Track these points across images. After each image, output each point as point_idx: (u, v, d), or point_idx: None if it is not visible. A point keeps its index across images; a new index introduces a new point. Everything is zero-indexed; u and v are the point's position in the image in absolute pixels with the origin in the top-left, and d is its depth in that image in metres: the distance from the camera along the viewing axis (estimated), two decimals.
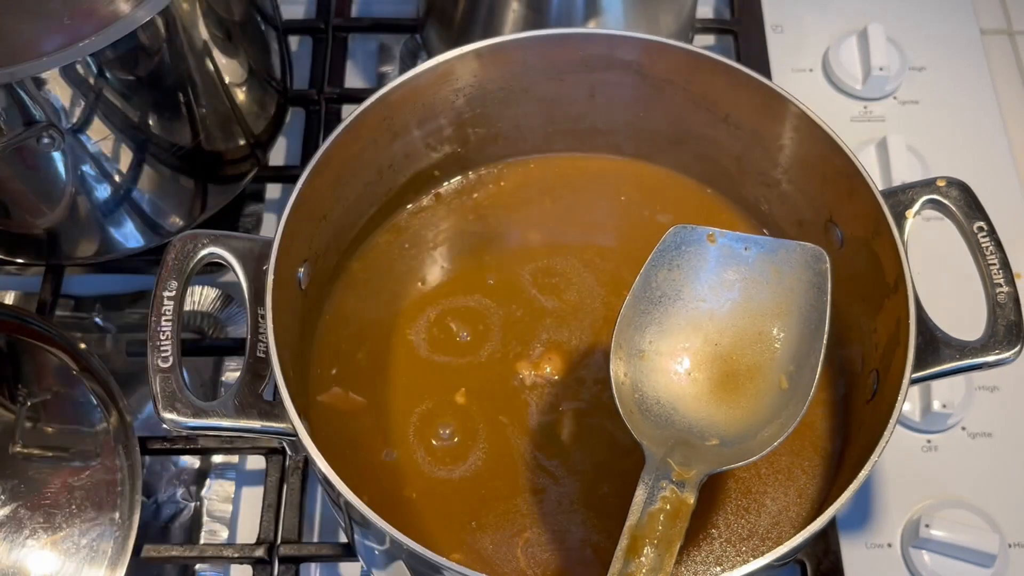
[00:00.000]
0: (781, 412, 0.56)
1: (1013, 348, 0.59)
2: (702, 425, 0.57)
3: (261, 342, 0.60)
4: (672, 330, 0.59)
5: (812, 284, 0.58)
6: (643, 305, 0.59)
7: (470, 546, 0.62)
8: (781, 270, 0.59)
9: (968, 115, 0.91)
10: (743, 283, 0.60)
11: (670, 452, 0.55)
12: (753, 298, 0.59)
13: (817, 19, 0.96)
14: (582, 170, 0.77)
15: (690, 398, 0.58)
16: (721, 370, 0.59)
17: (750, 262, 0.60)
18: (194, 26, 0.70)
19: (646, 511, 0.53)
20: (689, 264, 0.60)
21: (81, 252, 0.78)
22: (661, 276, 0.60)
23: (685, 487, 0.53)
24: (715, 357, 0.59)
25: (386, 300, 0.71)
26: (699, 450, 0.56)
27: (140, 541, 0.68)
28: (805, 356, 0.57)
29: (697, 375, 0.59)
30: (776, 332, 0.59)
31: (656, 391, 0.58)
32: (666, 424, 0.57)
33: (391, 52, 0.97)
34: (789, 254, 0.59)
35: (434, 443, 0.66)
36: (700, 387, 0.59)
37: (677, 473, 0.54)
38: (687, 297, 0.60)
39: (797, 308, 0.58)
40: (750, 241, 0.60)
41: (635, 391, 0.58)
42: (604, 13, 0.82)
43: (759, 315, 0.59)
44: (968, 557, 0.70)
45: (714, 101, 0.70)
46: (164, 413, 0.56)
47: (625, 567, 0.51)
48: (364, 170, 0.69)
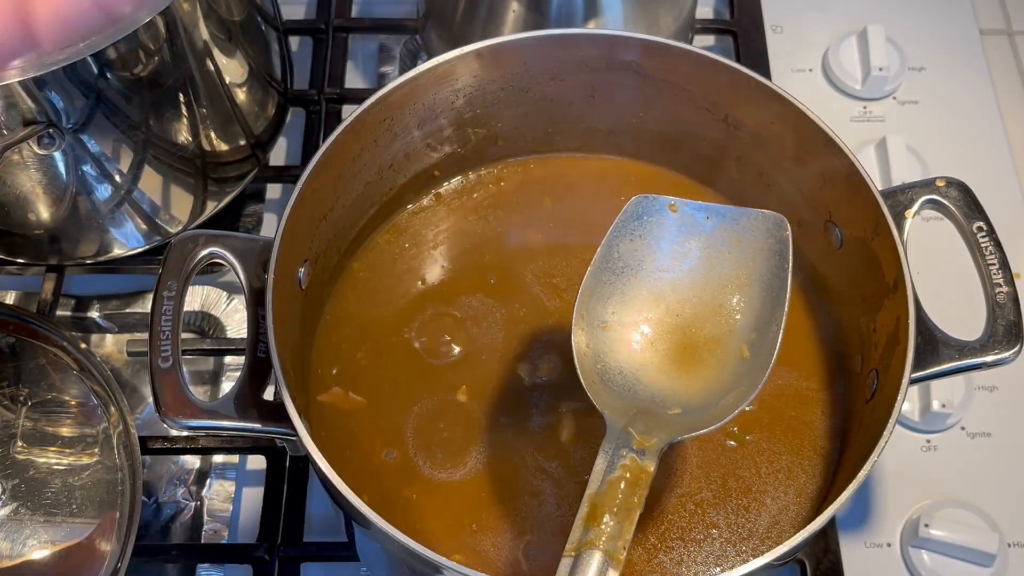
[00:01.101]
0: (742, 380, 0.56)
1: (1012, 348, 0.59)
2: (664, 394, 0.58)
3: (261, 342, 0.60)
4: (634, 300, 0.60)
5: (774, 252, 0.58)
6: (605, 276, 0.59)
7: (471, 548, 0.62)
8: (743, 238, 0.59)
9: (967, 115, 0.91)
10: (705, 252, 0.60)
11: (631, 421, 0.55)
12: (715, 267, 0.60)
13: (817, 19, 0.96)
14: (582, 170, 0.77)
15: (652, 368, 0.59)
16: (683, 339, 0.59)
17: (712, 231, 0.60)
18: (195, 26, 0.70)
19: (606, 479, 0.52)
20: (651, 234, 0.60)
21: (81, 252, 0.78)
22: (623, 246, 0.59)
23: (645, 455, 0.53)
24: (677, 327, 0.59)
25: (386, 300, 0.71)
26: (661, 419, 0.56)
27: (140, 541, 0.68)
28: (767, 324, 0.57)
29: (659, 345, 0.59)
30: (737, 301, 0.59)
31: (619, 361, 0.58)
32: (628, 394, 0.57)
33: (391, 52, 0.97)
34: (751, 222, 0.59)
35: (434, 444, 0.66)
36: (662, 357, 0.59)
37: (638, 441, 0.54)
38: (649, 267, 0.60)
39: (759, 276, 0.58)
40: (711, 210, 0.60)
41: (597, 362, 0.58)
42: (604, 13, 0.82)
43: (721, 284, 0.59)
44: (967, 557, 0.70)
45: (714, 101, 0.70)
46: (164, 413, 0.56)
47: (584, 535, 0.51)
48: (364, 170, 0.69)
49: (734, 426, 0.66)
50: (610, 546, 0.50)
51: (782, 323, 0.56)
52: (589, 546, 0.50)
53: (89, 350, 0.72)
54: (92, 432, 0.69)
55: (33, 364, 0.72)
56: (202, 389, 0.81)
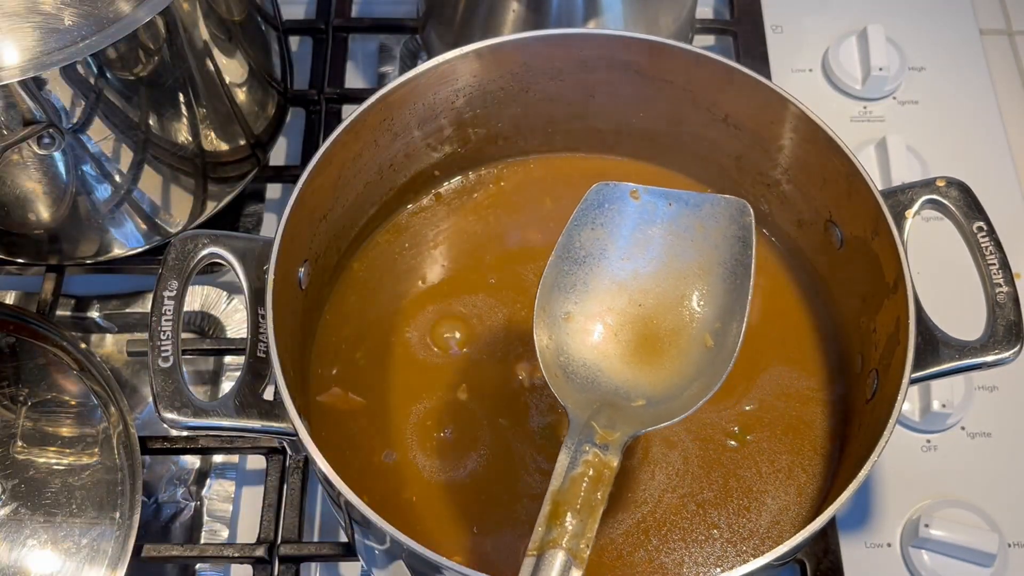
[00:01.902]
0: (706, 370, 0.55)
1: (1012, 348, 0.59)
2: (628, 386, 0.57)
3: (261, 342, 0.60)
4: (597, 291, 0.58)
5: (737, 238, 0.57)
6: (567, 266, 0.58)
7: (472, 550, 0.62)
8: (705, 225, 0.58)
9: (967, 115, 0.91)
10: (667, 240, 0.59)
11: (595, 415, 0.54)
12: (677, 255, 0.58)
13: (817, 19, 0.96)
14: (582, 170, 0.77)
15: (615, 359, 0.57)
16: (646, 330, 0.58)
17: (674, 218, 0.58)
18: (195, 26, 0.70)
19: (568, 476, 0.51)
20: (612, 222, 0.59)
21: (81, 252, 0.78)
22: (584, 235, 0.58)
23: (608, 450, 0.52)
24: (640, 317, 0.58)
25: (386, 300, 0.71)
26: (625, 411, 0.55)
27: (140, 541, 0.68)
28: (730, 313, 0.56)
29: (622, 336, 0.58)
30: (701, 289, 0.58)
31: (582, 353, 0.57)
32: (591, 387, 0.56)
33: (391, 52, 0.97)
34: (713, 208, 0.58)
35: (433, 445, 0.66)
36: (625, 348, 0.58)
37: (600, 436, 0.53)
38: (611, 256, 0.59)
39: (721, 263, 0.57)
40: (673, 197, 0.59)
41: (560, 354, 0.57)
42: (604, 13, 0.82)
43: (683, 273, 0.58)
44: (967, 557, 0.70)
45: (714, 101, 0.70)
46: (164, 413, 0.56)
47: (547, 533, 0.50)
48: (364, 170, 0.69)
49: (735, 426, 0.66)
50: (573, 544, 0.49)
51: (745, 312, 0.55)
52: (552, 545, 0.49)
53: (89, 350, 0.72)
54: (92, 432, 0.69)
55: (33, 364, 0.72)
56: (202, 389, 0.81)
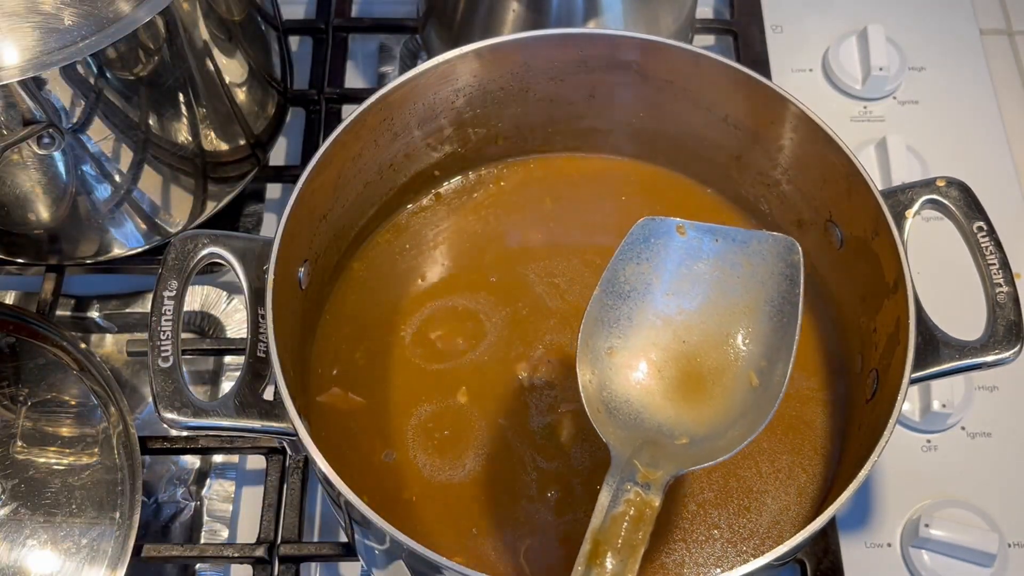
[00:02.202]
0: (751, 409, 0.55)
1: (1013, 348, 0.59)
2: (671, 424, 0.56)
3: (261, 342, 0.60)
4: (642, 326, 0.58)
5: (784, 276, 0.57)
6: (611, 300, 0.58)
7: (472, 551, 0.62)
8: (753, 262, 0.57)
9: (967, 115, 0.91)
10: (714, 276, 0.58)
11: (637, 452, 0.53)
12: (724, 292, 0.58)
13: (817, 19, 0.96)
14: (582, 170, 0.77)
15: (659, 396, 0.57)
16: (691, 367, 0.58)
17: (721, 254, 0.58)
18: (194, 26, 0.70)
19: (609, 515, 0.51)
20: (658, 257, 0.58)
21: (81, 252, 0.78)
22: (629, 270, 0.58)
23: (651, 489, 0.52)
24: (684, 354, 0.58)
25: (386, 300, 0.71)
26: (667, 449, 0.54)
27: (140, 541, 0.68)
28: (777, 351, 0.56)
29: (666, 373, 0.57)
30: (747, 327, 0.57)
31: (626, 390, 0.57)
32: (635, 424, 0.56)
33: (391, 52, 0.97)
34: (761, 245, 0.58)
35: (433, 445, 0.66)
36: (669, 385, 0.57)
37: (643, 475, 0.52)
38: (656, 291, 0.58)
39: (769, 301, 0.57)
40: (720, 232, 0.58)
41: (603, 390, 0.56)
42: (604, 13, 0.82)
43: (730, 309, 0.58)
44: (968, 557, 0.70)
45: (714, 101, 0.70)
46: (164, 413, 0.56)
47: (587, 573, 0.49)
48: (364, 170, 0.69)
49: None
50: None
51: (793, 350, 0.54)
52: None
53: (89, 350, 0.72)
54: (92, 432, 0.69)
55: (33, 364, 0.72)
56: (202, 389, 0.81)
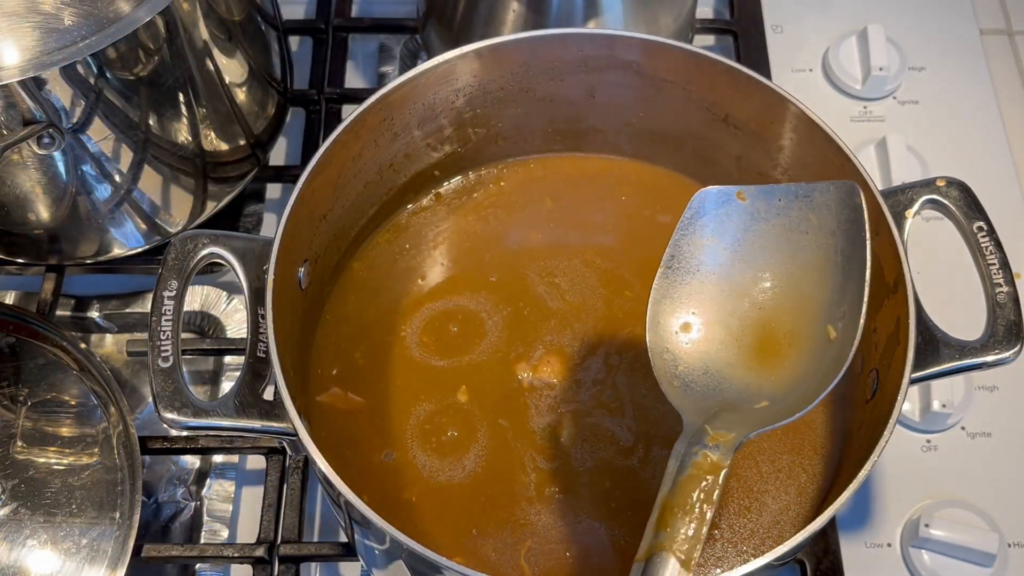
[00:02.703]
0: (824, 362, 0.54)
1: (1013, 348, 0.59)
2: (751, 389, 0.55)
3: (261, 342, 0.60)
4: (715, 298, 0.57)
5: (851, 221, 0.55)
6: (679, 276, 0.57)
7: (472, 552, 0.62)
8: (819, 215, 0.57)
9: (968, 115, 0.91)
10: (783, 236, 0.57)
11: (711, 419, 0.53)
12: (796, 250, 0.57)
13: (817, 19, 0.96)
14: (582, 170, 0.77)
15: (739, 365, 0.56)
16: (770, 331, 0.57)
17: (785, 212, 0.57)
18: (194, 26, 0.70)
19: (677, 480, 0.50)
20: (723, 227, 0.58)
21: (81, 252, 0.78)
22: (694, 244, 0.58)
23: (719, 449, 0.51)
24: (763, 319, 0.57)
25: (386, 300, 0.71)
26: (745, 413, 0.54)
27: (140, 541, 0.68)
28: (852, 300, 0.54)
29: (744, 340, 0.57)
30: (822, 281, 0.56)
31: (704, 361, 0.56)
32: (714, 393, 0.55)
33: (391, 52, 0.97)
34: (824, 196, 0.57)
35: (433, 445, 0.66)
36: (749, 352, 0.57)
37: (712, 437, 0.51)
38: (725, 261, 0.58)
39: (840, 251, 0.56)
40: (780, 191, 0.58)
41: (679, 364, 0.56)
42: (604, 13, 0.82)
43: (803, 267, 0.57)
44: (968, 557, 0.70)
45: (714, 101, 0.70)
46: (164, 413, 0.56)
47: (655, 539, 0.49)
48: (364, 170, 0.69)
49: None
50: (681, 548, 0.48)
51: (864, 294, 0.53)
52: (659, 549, 0.48)
53: (89, 350, 0.72)
54: (92, 432, 0.69)
55: (33, 364, 0.72)
56: (202, 389, 0.81)
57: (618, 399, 0.67)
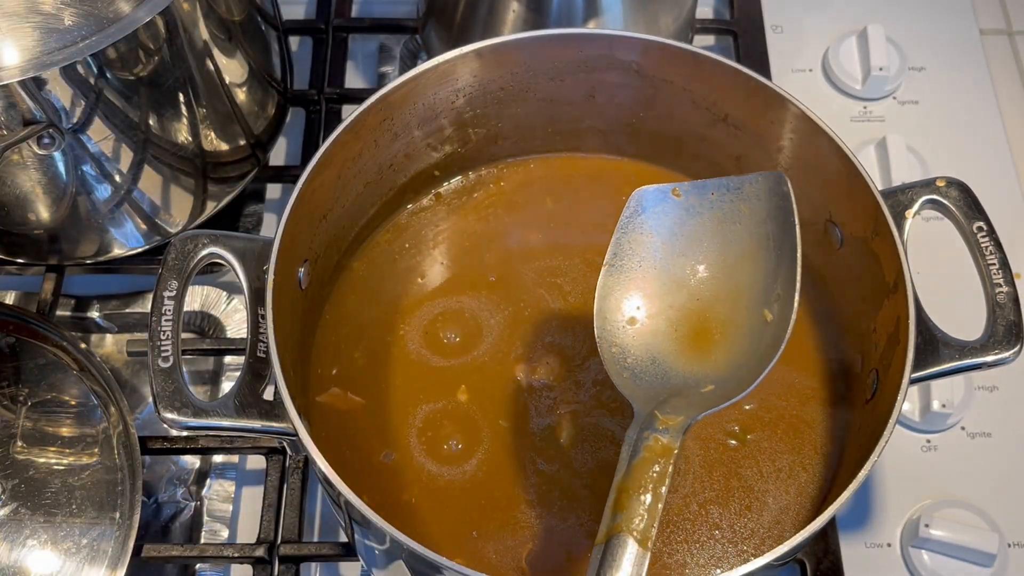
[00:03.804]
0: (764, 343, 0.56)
1: (1012, 348, 0.59)
2: (697, 375, 0.57)
3: (261, 342, 0.60)
4: (658, 291, 0.60)
5: (781, 208, 0.58)
6: (623, 274, 0.59)
7: (473, 554, 0.62)
8: (751, 205, 0.59)
9: (968, 115, 0.91)
10: (717, 228, 0.60)
11: (660, 405, 0.55)
12: (730, 241, 0.59)
13: (817, 19, 0.96)
14: (582, 170, 0.77)
15: (683, 353, 0.58)
16: (710, 318, 0.59)
17: (719, 206, 0.60)
18: (194, 26, 0.70)
19: (631, 464, 0.52)
20: (660, 224, 0.60)
21: (81, 252, 0.78)
22: (635, 241, 0.60)
23: (669, 432, 0.53)
24: (702, 309, 0.59)
25: (386, 300, 0.71)
26: (692, 398, 0.55)
27: (140, 541, 0.68)
28: (785, 282, 0.56)
29: (685, 329, 0.59)
30: (757, 268, 0.58)
31: (651, 352, 0.58)
32: (662, 382, 0.57)
33: (391, 52, 0.97)
34: (754, 187, 0.59)
35: (433, 446, 0.66)
36: (691, 340, 0.59)
37: (662, 422, 0.53)
38: (665, 255, 0.60)
39: (772, 237, 0.58)
40: (713, 186, 0.60)
41: (628, 357, 0.58)
42: (604, 13, 0.82)
43: (738, 256, 0.59)
44: (967, 557, 0.70)
45: (714, 101, 0.70)
46: (164, 413, 0.56)
47: (612, 522, 0.50)
48: (364, 170, 0.69)
49: (735, 425, 0.66)
50: (638, 528, 0.50)
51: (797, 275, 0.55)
52: (616, 531, 0.50)
53: (89, 350, 0.72)
54: (92, 432, 0.69)
55: (33, 364, 0.72)
56: (202, 389, 0.81)
57: (618, 399, 0.67)
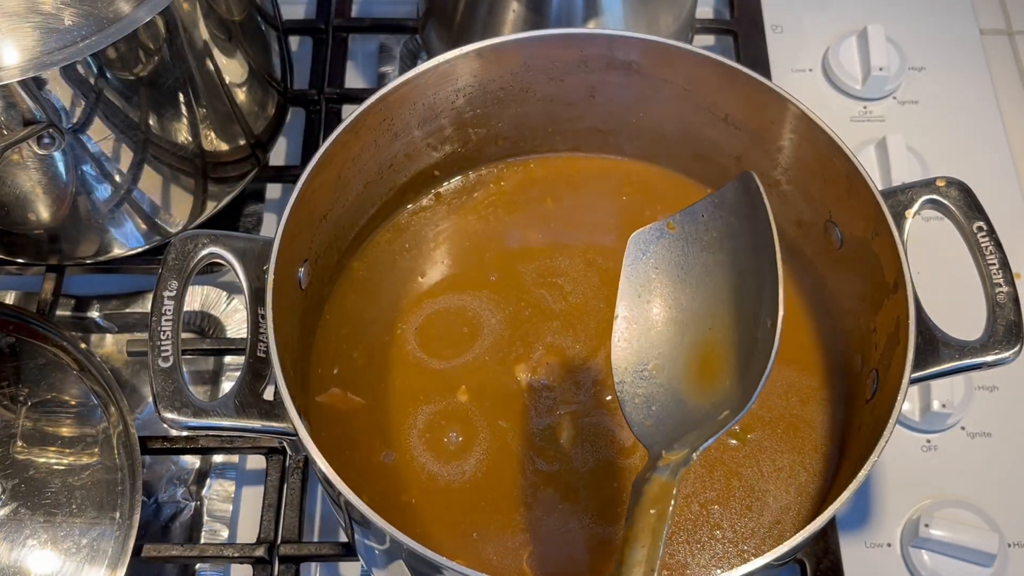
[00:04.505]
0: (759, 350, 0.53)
1: (1012, 348, 0.59)
2: (717, 405, 0.55)
3: (261, 342, 0.60)
4: (675, 332, 0.58)
5: (752, 206, 0.55)
6: (637, 324, 0.58)
7: (473, 556, 0.62)
8: (736, 215, 0.57)
9: (968, 115, 0.91)
10: (717, 250, 0.58)
11: (671, 443, 0.53)
12: (734, 256, 0.57)
13: (817, 19, 0.96)
14: (582, 170, 0.77)
15: (703, 387, 0.56)
16: (724, 343, 0.57)
17: (714, 225, 0.58)
18: (194, 26, 0.70)
19: (633, 511, 0.51)
20: (665, 261, 0.58)
21: (81, 252, 0.78)
22: (643, 286, 0.58)
23: (668, 470, 0.52)
24: (717, 336, 0.57)
25: (386, 300, 0.71)
26: (705, 428, 0.54)
27: (140, 541, 0.68)
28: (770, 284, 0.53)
29: (704, 360, 0.57)
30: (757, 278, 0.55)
31: (676, 396, 0.56)
32: (685, 422, 0.55)
33: (391, 52, 0.97)
34: (732, 194, 0.57)
35: (432, 447, 0.65)
36: (709, 370, 0.56)
37: (665, 459, 0.52)
38: (676, 292, 0.58)
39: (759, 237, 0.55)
40: (700, 208, 0.58)
41: (652, 404, 0.56)
42: (604, 13, 0.82)
43: (742, 269, 0.57)
44: (967, 556, 0.70)
45: (714, 101, 0.70)
46: (164, 413, 0.56)
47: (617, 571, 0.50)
48: (364, 170, 0.69)
49: (736, 424, 0.66)
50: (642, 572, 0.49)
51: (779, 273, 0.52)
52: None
53: (89, 350, 0.72)
54: (92, 432, 0.69)
55: (33, 364, 0.72)
56: (202, 389, 0.81)
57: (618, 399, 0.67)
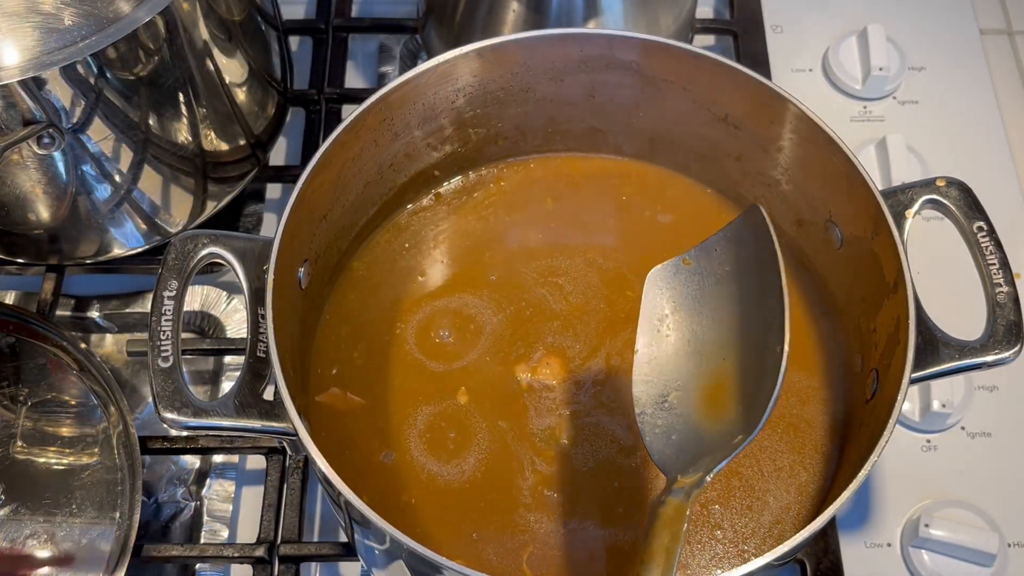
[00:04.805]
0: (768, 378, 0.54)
1: (1012, 348, 0.59)
2: (732, 431, 0.55)
3: (261, 342, 0.60)
4: (694, 364, 0.58)
5: (761, 238, 0.56)
6: (656, 362, 0.58)
7: (473, 556, 0.62)
8: (746, 246, 0.57)
9: (968, 115, 0.91)
10: (732, 282, 0.58)
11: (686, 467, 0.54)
12: (747, 288, 0.58)
13: (817, 19, 0.96)
14: (582, 170, 0.77)
15: (719, 415, 0.56)
16: (739, 371, 0.57)
17: (727, 259, 0.58)
18: (194, 26, 0.70)
19: (649, 534, 0.51)
20: (683, 295, 0.59)
21: (81, 252, 0.78)
22: (661, 321, 0.59)
23: (682, 492, 0.52)
24: (733, 365, 0.57)
25: (386, 300, 0.71)
26: (719, 452, 0.54)
27: (140, 541, 0.68)
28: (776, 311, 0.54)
29: (719, 388, 0.57)
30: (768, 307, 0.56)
31: (695, 427, 0.56)
32: (706, 448, 0.55)
33: (391, 52, 0.97)
34: (741, 228, 0.58)
35: (432, 447, 0.66)
36: (725, 399, 0.57)
37: (680, 483, 0.52)
38: (694, 326, 0.58)
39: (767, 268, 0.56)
40: (714, 242, 0.59)
41: (672, 433, 0.56)
42: (604, 13, 0.82)
43: (752, 300, 0.57)
44: (968, 556, 0.70)
45: (714, 101, 0.70)
46: (164, 413, 0.56)
47: None
48: (364, 170, 0.69)
49: None
50: None
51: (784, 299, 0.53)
52: None
53: (89, 350, 0.72)
54: (92, 432, 0.69)
55: (33, 364, 0.72)
56: (202, 389, 0.81)
57: (618, 399, 0.67)
